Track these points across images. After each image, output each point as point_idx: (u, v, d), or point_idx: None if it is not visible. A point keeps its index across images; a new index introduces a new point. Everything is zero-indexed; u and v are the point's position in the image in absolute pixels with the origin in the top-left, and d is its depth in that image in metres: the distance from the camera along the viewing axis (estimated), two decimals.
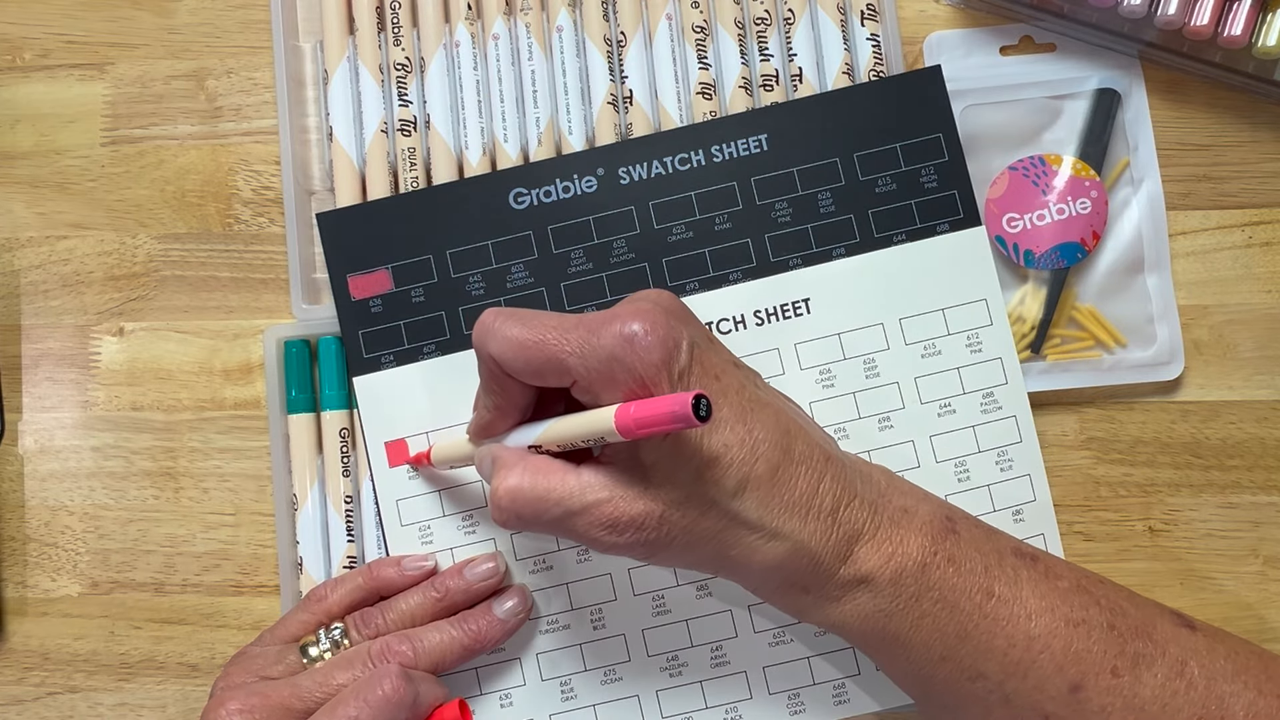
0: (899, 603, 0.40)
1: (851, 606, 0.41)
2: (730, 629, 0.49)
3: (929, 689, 0.42)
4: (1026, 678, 0.40)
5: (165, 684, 0.52)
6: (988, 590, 0.40)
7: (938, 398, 0.50)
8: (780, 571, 0.40)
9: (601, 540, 0.39)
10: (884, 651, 0.42)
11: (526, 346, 0.39)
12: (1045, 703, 0.40)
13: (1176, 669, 0.39)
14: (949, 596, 0.40)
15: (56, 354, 0.54)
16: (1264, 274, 0.53)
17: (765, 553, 0.39)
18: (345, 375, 0.51)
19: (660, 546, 0.39)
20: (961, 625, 0.40)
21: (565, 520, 0.39)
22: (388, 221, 0.51)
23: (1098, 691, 0.39)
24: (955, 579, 0.40)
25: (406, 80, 0.53)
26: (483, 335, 0.40)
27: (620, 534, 0.38)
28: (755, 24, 0.53)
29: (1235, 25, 0.50)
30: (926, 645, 0.40)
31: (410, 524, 0.50)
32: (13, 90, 0.55)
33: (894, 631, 0.41)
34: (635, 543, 0.39)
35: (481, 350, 0.40)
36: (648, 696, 0.49)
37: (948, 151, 0.50)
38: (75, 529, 0.53)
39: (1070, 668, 0.39)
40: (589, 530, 0.39)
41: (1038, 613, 0.40)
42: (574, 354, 0.38)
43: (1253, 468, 0.52)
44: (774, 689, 0.49)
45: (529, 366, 0.39)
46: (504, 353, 0.39)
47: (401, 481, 0.50)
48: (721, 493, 0.39)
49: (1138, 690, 0.39)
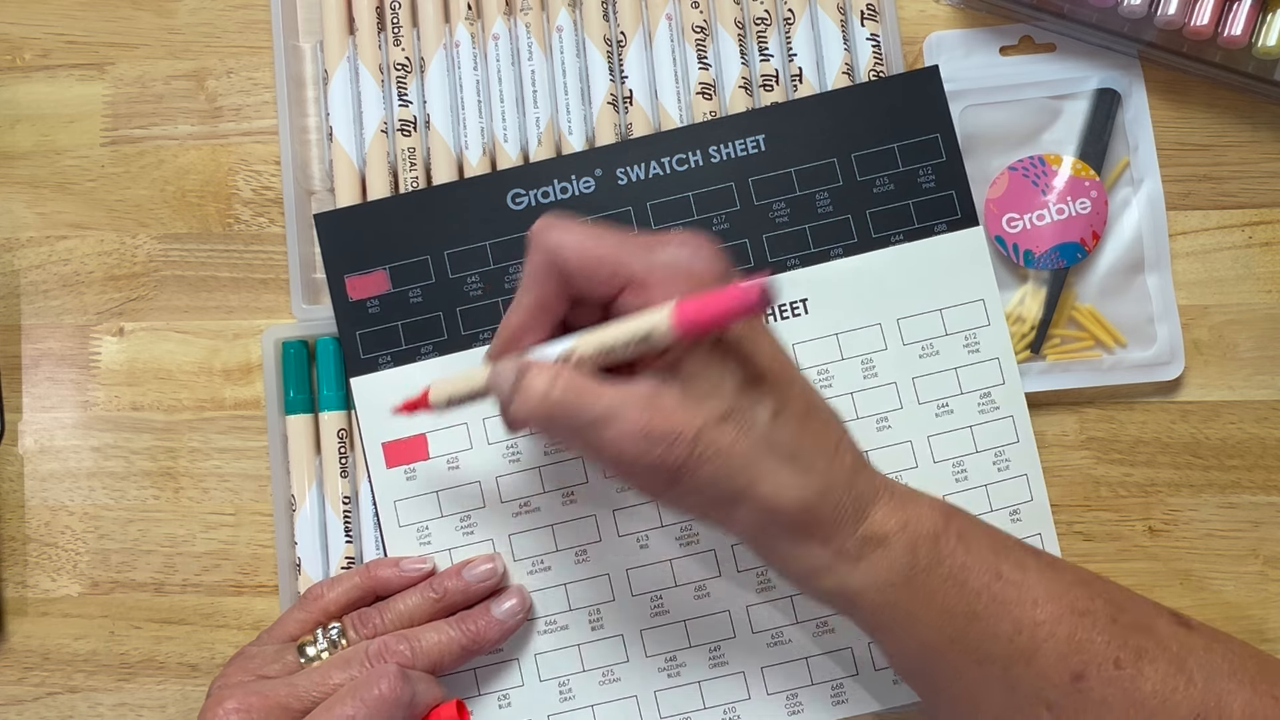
0: (914, 572, 0.40)
1: (867, 569, 0.40)
2: (729, 629, 0.49)
3: (935, 675, 0.41)
4: (1031, 664, 0.39)
5: (165, 684, 0.52)
6: (996, 571, 0.40)
7: (935, 398, 0.50)
8: (805, 514, 0.39)
9: (627, 454, 0.38)
10: (894, 629, 0.41)
11: (589, 238, 0.39)
12: (1048, 690, 0.39)
13: (1176, 665, 0.39)
14: (959, 574, 0.40)
15: (56, 354, 0.54)
16: (1264, 274, 0.53)
17: (794, 489, 0.39)
18: (343, 376, 0.51)
19: (688, 470, 0.38)
20: (970, 605, 0.40)
21: (596, 427, 0.38)
22: (385, 222, 0.51)
23: (1100, 682, 0.39)
24: (965, 556, 0.40)
25: (406, 80, 0.53)
26: (544, 227, 0.40)
27: (653, 446, 0.37)
28: (755, 24, 0.53)
29: (1235, 25, 0.50)
30: (937, 624, 0.40)
31: (408, 525, 0.50)
32: (13, 90, 0.55)
33: (906, 607, 0.40)
34: (664, 460, 0.37)
35: (540, 240, 0.40)
36: (646, 697, 0.49)
37: (945, 152, 0.50)
38: (75, 529, 0.53)
39: (1074, 656, 0.39)
40: (618, 441, 0.38)
41: (1043, 599, 0.40)
42: (636, 253, 0.39)
43: (1253, 468, 0.52)
44: (772, 689, 0.49)
45: (585, 260, 0.39)
46: (564, 243, 0.39)
47: (399, 483, 0.50)
48: (763, 412, 0.38)
49: (1139, 684, 0.39)
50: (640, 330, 0.38)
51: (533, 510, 0.49)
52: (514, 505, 0.50)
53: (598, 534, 0.49)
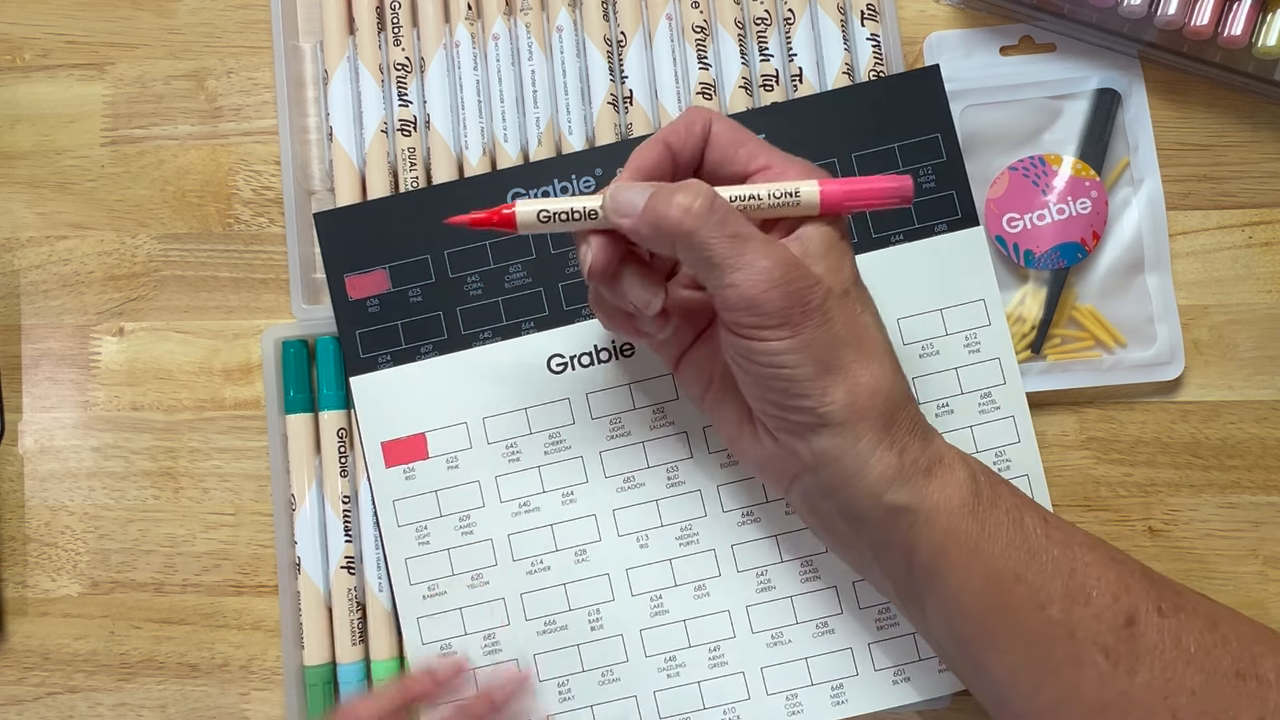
0: (978, 501, 0.40)
1: (939, 488, 0.40)
2: (729, 629, 0.49)
3: (995, 624, 0.40)
4: (1089, 604, 0.39)
5: (165, 684, 0.52)
6: (1042, 516, 0.40)
7: (936, 398, 0.50)
8: (888, 409, 0.40)
9: (762, 280, 0.38)
10: (958, 563, 0.40)
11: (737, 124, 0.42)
12: (1104, 634, 0.39)
13: (1209, 623, 0.39)
14: (1014, 513, 0.40)
15: (56, 354, 0.54)
16: (1264, 274, 0.53)
17: (883, 381, 0.40)
18: (343, 376, 0.51)
19: (815, 317, 0.38)
20: (1028, 543, 0.39)
21: (743, 240, 0.38)
22: (385, 221, 0.51)
23: (1149, 627, 0.39)
24: (1016, 498, 0.40)
25: (406, 80, 0.53)
26: (699, 107, 0.43)
27: (792, 280, 0.38)
28: (755, 24, 0.53)
29: (1235, 25, 0.50)
30: (1002, 556, 0.39)
31: (407, 524, 0.50)
32: (13, 90, 0.55)
33: (974, 537, 0.39)
34: (801, 297, 0.38)
35: (695, 110, 0.42)
36: (645, 697, 0.49)
37: (946, 152, 0.50)
38: (75, 529, 0.53)
39: (1123, 598, 0.39)
40: (755, 263, 0.38)
41: (1083, 545, 0.40)
42: (776, 150, 0.41)
43: (1253, 468, 0.52)
44: (772, 689, 0.49)
45: (735, 134, 0.41)
46: (718, 117, 0.42)
47: (398, 482, 0.50)
48: (870, 306, 0.41)
49: (1181, 634, 0.39)
50: (789, 187, 0.40)
51: (532, 510, 0.49)
52: (513, 505, 0.50)
53: (597, 534, 0.49)
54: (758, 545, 0.49)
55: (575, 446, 0.50)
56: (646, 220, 0.39)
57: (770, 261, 0.38)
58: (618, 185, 0.40)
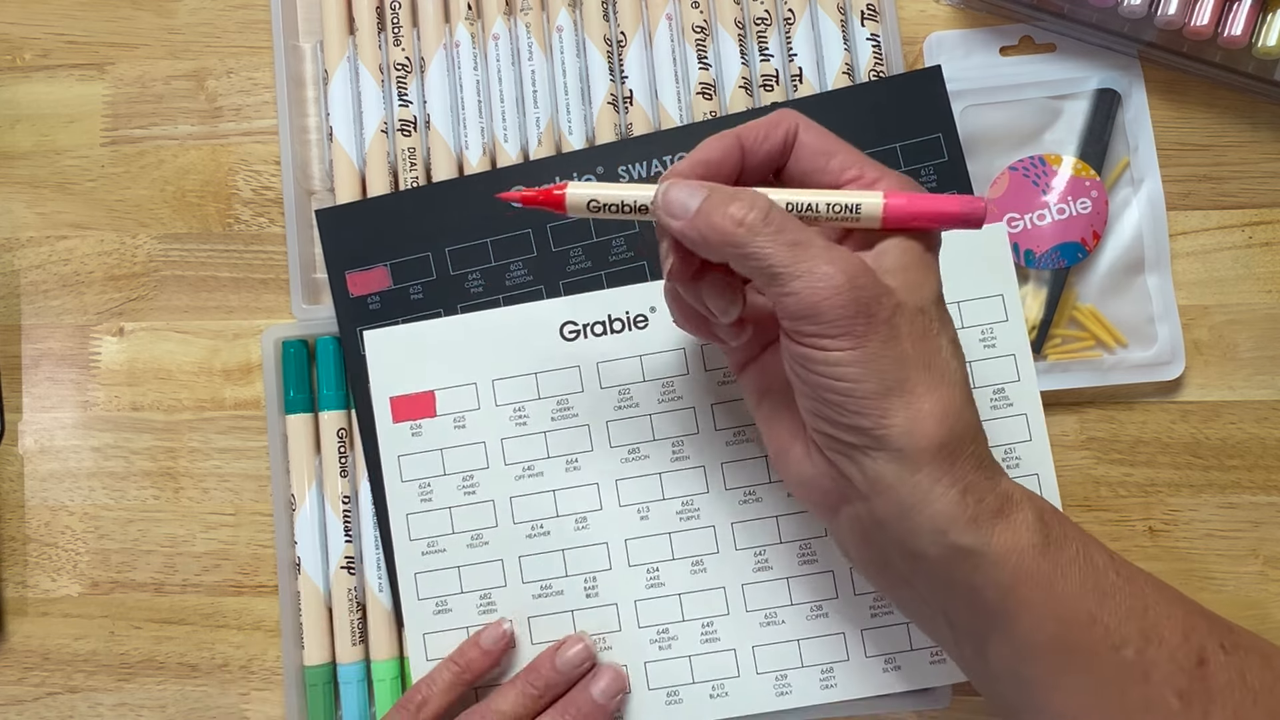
0: (1048, 542, 0.37)
1: (1008, 529, 0.37)
2: (723, 606, 0.49)
3: (1067, 666, 0.38)
4: (1162, 645, 0.37)
5: (165, 684, 0.52)
6: (1109, 554, 0.39)
7: None
8: (950, 443, 0.37)
9: (824, 286, 0.35)
10: (1031, 605, 0.37)
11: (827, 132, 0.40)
12: (1178, 675, 0.37)
13: (1265, 660, 0.38)
14: (1084, 551, 0.38)
15: (56, 354, 0.54)
16: (1264, 274, 0.53)
17: (950, 400, 0.37)
18: (343, 376, 0.51)
19: (874, 326, 0.36)
20: (1100, 583, 0.37)
21: (804, 247, 0.36)
22: (387, 219, 0.51)
23: (1218, 667, 0.37)
24: (1082, 536, 0.38)
25: (406, 80, 0.53)
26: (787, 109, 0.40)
27: (859, 291, 0.35)
28: (755, 24, 0.53)
29: (1235, 25, 0.50)
30: (1078, 597, 0.37)
31: (410, 480, 0.50)
32: (13, 90, 0.55)
33: (1047, 577, 0.37)
34: (868, 307, 0.36)
35: (782, 112, 0.39)
36: (635, 667, 0.49)
37: (948, 151, 0.50)
38: (75, 529, 0.53)
39: (1192, 637, 0.37)
40: (816, 269, 0.35)
41: (1148, 582, 0.38)
42: (870, 160, 0.39)
43: (1253, 468, 0.52)
44: (762, 669, 0.49)
45: (822, 140, 0.39)
46: (806, 122, 0.39)
47: (404, 438, 0.50)
48: (949, 330, 0.38)
49: (1245, 672, 0.37)
50: (850, 200, 0.37)
51: (535, 475, 0.49)
52: (517, 468, 0.49)
53: (599, 503, 0.49)
54: (758, 525, 0.49)
55: (582, 414, 0.50)
56: (696, 227, 0.37)
57: (834, 268, 0.35)
58: (671, 181, 0.38)
